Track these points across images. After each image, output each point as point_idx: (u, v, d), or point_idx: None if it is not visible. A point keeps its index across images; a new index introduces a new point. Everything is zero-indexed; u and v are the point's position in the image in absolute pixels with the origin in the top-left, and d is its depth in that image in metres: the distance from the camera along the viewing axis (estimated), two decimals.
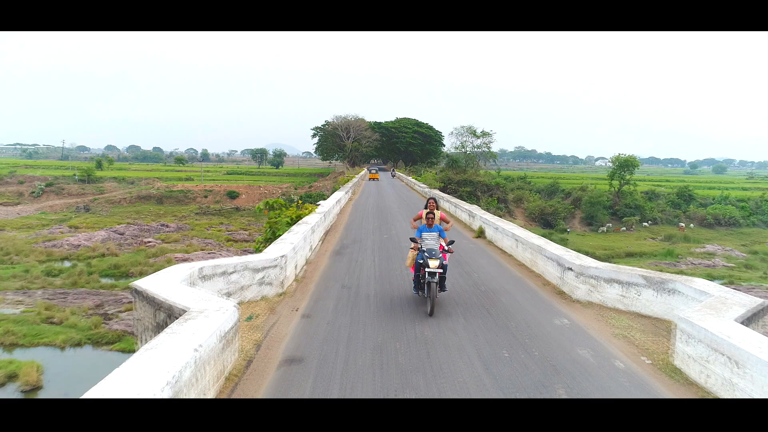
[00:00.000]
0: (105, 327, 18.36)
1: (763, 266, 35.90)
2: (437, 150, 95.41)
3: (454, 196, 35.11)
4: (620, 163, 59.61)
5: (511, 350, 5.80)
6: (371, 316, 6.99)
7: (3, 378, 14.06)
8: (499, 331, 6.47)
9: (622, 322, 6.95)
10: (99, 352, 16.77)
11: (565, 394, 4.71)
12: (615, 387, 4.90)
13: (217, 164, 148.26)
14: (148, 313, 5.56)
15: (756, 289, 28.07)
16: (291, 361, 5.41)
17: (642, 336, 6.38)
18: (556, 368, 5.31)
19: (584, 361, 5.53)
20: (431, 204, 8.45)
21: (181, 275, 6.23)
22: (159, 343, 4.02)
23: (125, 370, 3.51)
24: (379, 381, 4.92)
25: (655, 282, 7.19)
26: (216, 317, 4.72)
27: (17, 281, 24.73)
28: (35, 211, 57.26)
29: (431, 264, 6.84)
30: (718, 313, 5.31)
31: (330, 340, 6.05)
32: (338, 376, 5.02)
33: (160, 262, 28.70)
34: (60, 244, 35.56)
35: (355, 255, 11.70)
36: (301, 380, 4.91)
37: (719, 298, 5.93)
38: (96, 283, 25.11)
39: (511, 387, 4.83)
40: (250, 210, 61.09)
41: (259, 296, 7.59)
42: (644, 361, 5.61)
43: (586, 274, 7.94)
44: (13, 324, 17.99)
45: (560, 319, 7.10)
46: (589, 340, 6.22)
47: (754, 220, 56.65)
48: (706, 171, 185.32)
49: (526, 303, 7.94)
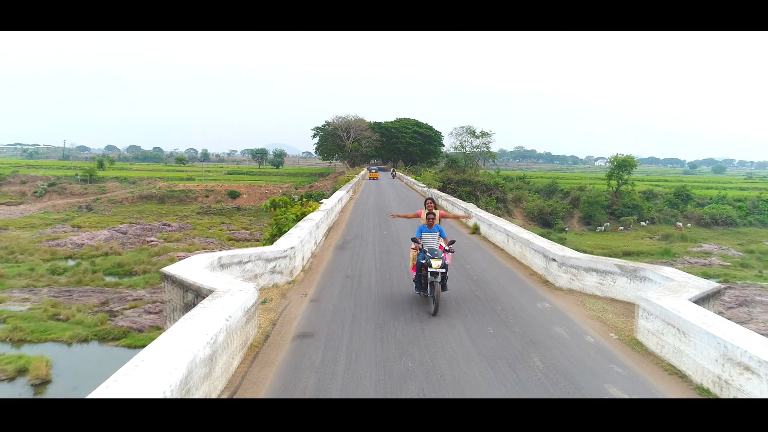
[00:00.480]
0: (111, 324, 18.63)
1: (758, 265, 36.11)
2: (437, 150, 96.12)
3: (454, 195, 35.87)
4: (618, 163, 60.12)
5: (496, 328, 6.60)
6: (372, 301, 7.78)
7: (13, 372, 14.41)
8: (486, 313, 7.26)
9: (597, 305, 7.74)
10: (105, 348, 17.08)
11: (539, 361, 5.50)
12: (583, 356, 5.70)
13: (217, 164, 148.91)
14: (177, 295, 6.35)
15: (750, 287, 28.37)
16: (303, 336, 6.19)
17: (614, 317, 7.18)
18: (533, 341, 6.10)
19: (559, 337, 6.32)
20: (429, 204, 8.47)
21: (203, 263, 7.02)
22: (196, 314, 4.80)
23: (173, 332, 4.29)
24: (380, 351, 5.71)
25: (628, 270, 7.99)
26: (240, 295, 5.50)
27: (23, 279, 25.11)
28: (38, 211, 57.51)
29: (434, 264, 6.95)
30: (675, 294, 6.10)
31: (336, 319, 6.84)
32: (344, 348, 5.80)
33: (163, 261, 29.09)
34: (63, 243, 35.99)
35: (357, 249, 12.49)
36: (312, 351, 5.70)
37: (680, 283, 6.72)
38: (101, 282, 25.48)
39: (493, 355, 5.62)
40: (251, 210, 61.83)
41: (271, 284, 8.38)
42: (612, 336, 6.41)
43: (567, 264, 8.74)
44: (20, 320, 18.31)
45: (542, 303, 7.91)
46: (566, 321, 7.02)
47: (751, 220, 57.03)
48: (705, 171, 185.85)
49: (513, 290, 8.75)
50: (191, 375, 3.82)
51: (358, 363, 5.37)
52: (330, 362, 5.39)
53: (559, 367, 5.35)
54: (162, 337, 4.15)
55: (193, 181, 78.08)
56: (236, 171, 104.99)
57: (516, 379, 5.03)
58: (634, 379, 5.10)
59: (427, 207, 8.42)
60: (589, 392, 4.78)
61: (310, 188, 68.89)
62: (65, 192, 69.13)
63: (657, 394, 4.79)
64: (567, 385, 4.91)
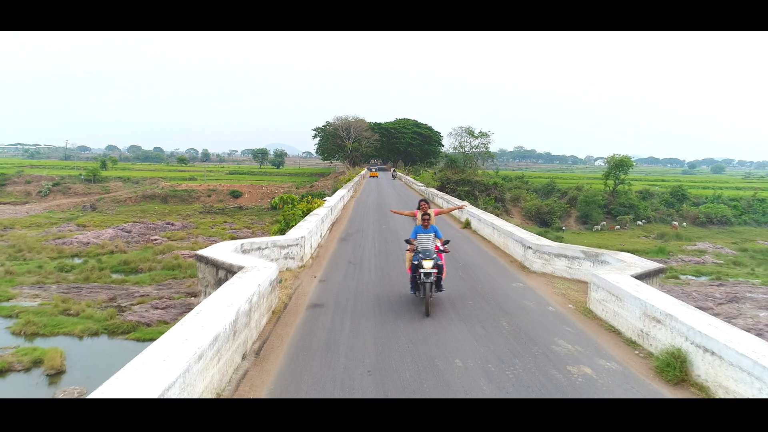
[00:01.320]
0: (120, 318, 19.24)
1: (751, 263, 36.76)
2: (436, 150, 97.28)
3: (453, 195, 37.14)
4: (615, 164, 60.83)
5: (475, 300, 7.95)
6: (372, 281, 9.12)
7: (29, 363, 15.04)
8: (468, 290, 8.61)
9: (564, 285, 9.09)
10: (115, 341, 17.66)
11: (506, 323, 6.83)
12: (543, 320, 7.03)
13: (218, 164, 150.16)
14: (211, 272, 7.69)
15: (741, 284, 29.23)
16: (315, 305, 7.53)
17: (575, 293, 8.52)
18: (504, 310, 7.45)
19: (526, 307, 7.66)
20: (424, 206, 8.34)
21: (230, 248, 8.37)
22: (234, 283, 6.13)
23: (220, 293, 5.61)
24: (378, 316, 7.04)
25: (591, 255, 9.33)
26: (265, 270, 6.84)
27: (32, 276, 25.68)
28: (43, 210, 57.81)
29: (425, 265, 7.00)
30: (621, 272, 7.44)
31: (342, 294, 8.18)
32: (349, 314, 7.13)
33: (167, 259, 30.10)
34: (70, 241, 36.64)
35: (359, 241, 13.84)
36: (323, 316, 7.03)
37: (628, 263, 8.07)
38: (108, 279, 25.97)
39: (469, 319, 6.96)
40: (253, 209, 63.08)
41: (284, 267, 9.70)
42: (570, 307, 7.75)
43: (541, 251, 10.08)
44: (33, 315, 18.87)
45: (517, 283, 9.26)
46: (534, 296, 8.36)
47: (745, 219, 57.87)
48: (704, 171, 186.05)
49: (493, 273, 10.09)
50: (237, 321, 5.15)
51: (360, 324, 6.70)
52: (338, 323, 6.72)
53: (522, 327, 6.68)
54: (213, 296, 5.48)
55: (195, 181, 79.04)
56: (238, 171, 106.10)
57: (486, 335, 6.37)
58: (579, 335, 6.44)
59: (422, 208, 8.30)
60: (542, 343, 6.10)
61: (311, 188, 69.99)
62: (69, 192, 69.59)
63: (594, 344, 6.12)
64: (525, 339, 6.24)
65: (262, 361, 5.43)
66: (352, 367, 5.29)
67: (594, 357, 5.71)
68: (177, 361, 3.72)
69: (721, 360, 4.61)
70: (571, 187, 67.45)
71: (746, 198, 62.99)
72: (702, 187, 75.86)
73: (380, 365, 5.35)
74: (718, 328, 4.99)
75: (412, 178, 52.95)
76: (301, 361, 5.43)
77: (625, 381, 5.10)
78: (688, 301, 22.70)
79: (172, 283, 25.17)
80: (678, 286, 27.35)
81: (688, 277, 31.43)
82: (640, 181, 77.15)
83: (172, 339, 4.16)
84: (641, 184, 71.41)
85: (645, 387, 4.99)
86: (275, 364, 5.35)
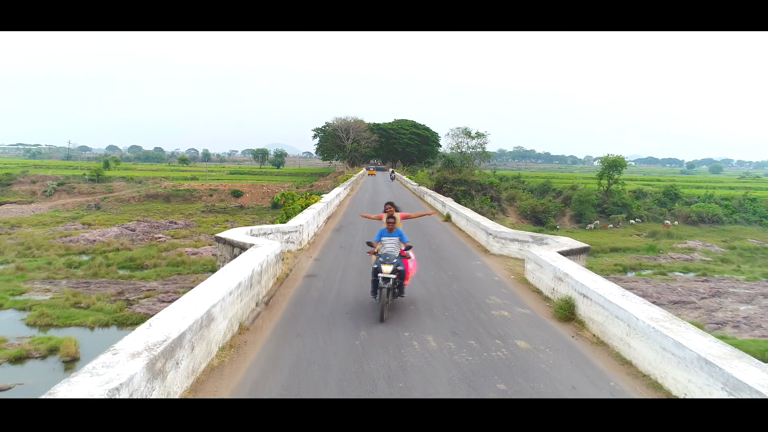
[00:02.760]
0: (129, 311, 19.91)
1: (738, 260, 37.36)
2: (434, 150, 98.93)
3: (450, 194, 38.87)
4: (609, 164, 62.13)
5: (437, 271, 10.03)
6: (357, 260, 11.17)
7: (45, 351, 15.87)
8: (433, 265, 10.68)
9: (514, 263, 11.15)
10: (125, 331, 18.10)
11: (456, 286, 8.88)
12: (486, 285, 9.08)
13: (219, 164, 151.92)
14: (228, 250, 9.74)
15: (725, 280, 29.85)
16: (310, 276, 9.58)
17: (520, 269, 10.56)
18: (458, 278, 9.51)
19: (477, 277, 9.73)
20: (389, 209, 8.19)
21: (242, 232, 10.43)
22: (248, 253, 8.17)
23: (239, 259, 7.64)
24: (359, 284, 9.07)
25: (538, 239, 11.39)
26: (271, 246, 8.89)
27: (42, 272, 26.51)
28: (49, 209, 58.61)
29: (384, 269, 6.88)
30: (550, 249, 9.49)
31: (333, 269, 10.23)
32: (337, 282, 9.18)
33: (172, 256, 31.23)
34: (76, 239, 37.25)
35: (350, 231, 15.91)
36: (317, 282, 9.06)
37: (561, 244, 10.13)
38: (115, 274, 26.75)
39: (429, 283, 9.01)
40: (253, 208, 64.83)
41: (285, 250, 11.74)
42: (511, 277, 9.82)
43: (499, 236, 12.14)
44: (45, 308, 19.68)
45: (476, 261, 11.33)
46: (487, 270, 10.42)
47: (736, 218, 58.65)
48: (703, 171, 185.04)
49: (459, 254, 12.16)
50: (252, 277, 7.18)
51: (345, 288, 8.75)
52: (328, 287, 8.77)
53: (468, 289, 8.73)
54: (234, 261, 7.52)
55: (197, 181, 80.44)
56: (238, 171, 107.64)
57: (438, 293, 8.43)
58: (509, 294, 8.50)
59: (387, 211, 8.16)
60: (479, 298, 8.13)
61: (311, 187, 71.64)
62: (74, 191, 70.43)
63: (518, 299, 8.17)
64: (467, 296, 8.29)
65: (270, 308, 7.48)
66: (337, 311, 7.33)
67: (514, 306, 7.77)
68: (217, 292, 5.76)
69: (591, 301, 6.66)
70: (565, 187, 68.38)
71: (738, 197, 63.99)
72: (696, 187, 76.72)
73: (357, 309, 7.38)
74: (595, 281, 7.03)
75: (408, 177, 54.97)
76: (299, 308, 7.46)
77: (531, 320, 7.15)
78: (672, 295, 24.33)
79: (177, 278, 25.98)
80: (664, 282, 28.10)
81: (675, 274, 31.99)
82: (636, 180, 77.83)
83: (211, 282, 6.20)
84: (636, 183, 72.42)
85: (543, 323, 7.04)
86: (280, 310, 7.39)
